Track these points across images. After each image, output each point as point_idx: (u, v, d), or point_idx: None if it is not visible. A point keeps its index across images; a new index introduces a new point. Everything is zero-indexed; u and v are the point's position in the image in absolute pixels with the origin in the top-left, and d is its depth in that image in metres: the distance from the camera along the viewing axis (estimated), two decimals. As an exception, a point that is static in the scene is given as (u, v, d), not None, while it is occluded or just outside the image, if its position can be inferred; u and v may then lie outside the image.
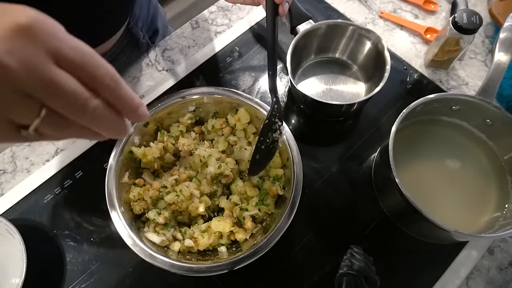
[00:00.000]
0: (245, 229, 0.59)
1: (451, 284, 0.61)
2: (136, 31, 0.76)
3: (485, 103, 0.60)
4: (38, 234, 0.64)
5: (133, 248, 0.52)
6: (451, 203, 0.63)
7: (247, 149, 0.63)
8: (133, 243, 0.52)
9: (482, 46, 0.83)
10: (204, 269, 0.52)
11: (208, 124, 0.66)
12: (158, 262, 0.51)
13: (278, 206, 0.60)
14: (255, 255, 0.52)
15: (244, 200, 0.61)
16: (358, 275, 0.55)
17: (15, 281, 0.60)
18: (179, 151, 0.64)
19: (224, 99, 0.64)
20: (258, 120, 0.65)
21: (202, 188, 0.59)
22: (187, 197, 0.57)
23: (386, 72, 0.66)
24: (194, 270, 0.52)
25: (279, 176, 0.61)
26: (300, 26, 0.71)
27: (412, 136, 0.65)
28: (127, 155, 0.60)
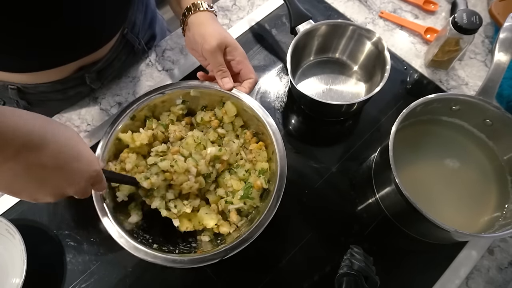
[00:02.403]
0: (229, 223, 0.59)
1: (451, 284, 0.61)
2: (131, 37, 0.76)
3: (485, 103, 0.60)
4: (38, 234, 0.64)
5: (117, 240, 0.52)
6: (451, 203, 0.63)
7: (235, 142, 0.63)
8: (118, 235, 0.52)
9: (482, 46, 0.83)
10: (188, 261, 0.51)
11: (197, 116, 0.66)
12: (142, 254, 0.51)
13: (263, 200, 0.59)
14: (239, 247, 0.52)
15: (230, 193, 0.61)
16: (358, 275, 0.55)
17: (15, 281, 0.60)
18: (168, 140, 0.64)
19: (211, 92, 0.64)
20: (245, 113, 0.64)
21: (200, 167, 0.58)
22: (182, 168, 0.57)
23: (386, 72, 0.66)
24: (178, 262, 0.51)
25: (265, 170, 0.60)
26: (300, 26, 0.71)
27: (412, 136, 0.65)
28: (115, 142, 0.60)
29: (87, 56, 0.68)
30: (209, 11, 0.63)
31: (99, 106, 0.76)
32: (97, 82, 0.74)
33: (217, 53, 0.59)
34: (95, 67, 0.71)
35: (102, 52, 0.71)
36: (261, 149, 0.63)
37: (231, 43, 0.61)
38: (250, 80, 0.62)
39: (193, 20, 0.62)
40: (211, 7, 0.64)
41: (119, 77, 0.79)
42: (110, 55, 0.72)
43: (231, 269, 0.61)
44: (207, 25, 0.61)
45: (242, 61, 0.62)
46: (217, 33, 0.60)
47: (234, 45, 0.61)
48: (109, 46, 0.71)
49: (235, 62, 0.62)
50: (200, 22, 0.62)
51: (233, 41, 0.61)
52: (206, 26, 0.61)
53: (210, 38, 0.59)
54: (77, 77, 0.70)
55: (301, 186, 0.68)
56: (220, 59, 0.60)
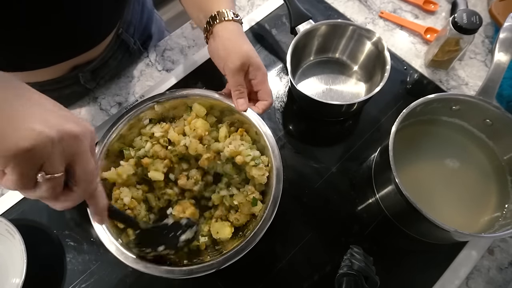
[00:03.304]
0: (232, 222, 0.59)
1: (451, 284, 0.61)
2: (126, 37, 0.75)
3: (485, 103, 0.60)
4: (38, 234, 0.64)
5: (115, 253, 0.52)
6: (451, 203, 0.63)
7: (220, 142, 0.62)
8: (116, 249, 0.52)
9: (482, 46, 0.83)
10: (190, 271, 0.51)
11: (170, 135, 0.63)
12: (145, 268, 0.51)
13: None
14: (242, 252, 0.52)
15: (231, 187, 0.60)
16: (358, 275, 0.55)
17: (15, 281, 0.60)
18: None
19: (174, 102, 0.63)
20: (215, 109, 0.64)
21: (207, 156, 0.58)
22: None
23: (386, 72, 0.66)
24: (183, 273, 0.51)
25: (257, 156, 0.60)
26: (300, 26, 0.71)
27: (412, 136, 0.65)
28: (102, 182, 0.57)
29: (80, 55, 0.67)
30: (235, 20, 0.59)
31: (99, 106, 0.76)
32: (92, 82, 0.74)
33: (239, 73, 0.57)
34: (89, 67, 0.71)
35: (96, 52, 0.70)
36: (243, 134, 0.62)
37: (254, 63, 0.58)
38: (265, 102, 0.60)
39: (219, 31, 0.59)
40: (236, 15, 0.60)
41: (118, 77, 0.79)
42: (105, 55, 0.72)
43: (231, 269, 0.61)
44: (234, 40, 0.59)
45: (263, 82, 0.60)
46: (243, 51, 0.57)
47: (257, 65, 0.58)
48: (104, 45, 0.71)
49: (255, 82, 0.60)
50: (227, 35, 0.59)
51: (257, 60, 0.59)
52: (233, 41, 0.58)
53: (234, 56, 0.57)
54: (71, 77, 0.70)
55: (301, 186, 0.68)
56: (240, 79, 0.58)
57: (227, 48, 0.58)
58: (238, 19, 0.60)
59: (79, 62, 0.69)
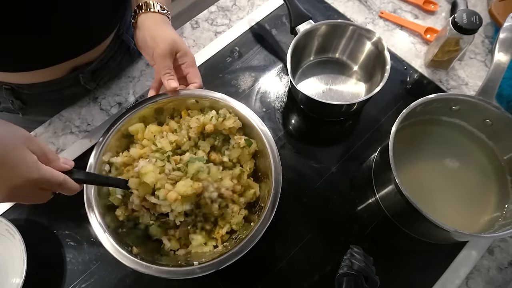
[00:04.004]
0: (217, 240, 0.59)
1: (451, 284, 0.61)
2: (126, 38, 0.75)
3: (485, 103, 0.60)
4: (38, 234, 0.64)
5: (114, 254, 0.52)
6: (451, 203, 0.63)
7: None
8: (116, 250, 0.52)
9: (482, 46, 0.84)
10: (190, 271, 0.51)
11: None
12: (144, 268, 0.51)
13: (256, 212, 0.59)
14: (241, 252, 0.52)
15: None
16: (358, 275, 0.55)
17: (16, 281, 0.60)
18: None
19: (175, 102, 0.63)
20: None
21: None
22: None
23: (386, 72, 0.66)
24: (182, 273, 0.51)
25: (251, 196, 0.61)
26: (300, 26, 0.71)
27: (412, 136, 0.65)
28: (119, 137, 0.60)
29: (81, 55, 0.68)
30: (160, 13, 0.62)
31: (99, 106, 0.76)
32: (92, 83, 0.74)
33: (167, 58, 0.59)
34: (90, 67, 0.71)
35: (97, 52, 0.71)
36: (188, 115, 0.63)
37: (182, 48, 0.60)
38: (194, 84, 0.61)
39: (144, 20, 0.61)
40: (163, 9, 0.62)
41: (118, 77, 0.79)
42: (105, 56, 0.72)
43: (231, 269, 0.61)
44: (158, 28, 0.61)
45: (191, 65, 0.62)
46: (169, 38, 0.59)
47: (184, 50, 0.61)
48: (104, 46, 0.71)
49: (184, 66, 0.62)
50: (151, 25, 0.61)
51: (184, 46, 0.61)
52: (158, 30, 0.60)
53: (162, 42, 0.59)
54: (71, 77, 0.70)
55: (301, 186, 0.68)
56: (169, 63, 0.60)
57: (153, 36, 0.60)
58: (165, 12, 0.63)
59: (79, 63, 0.69)
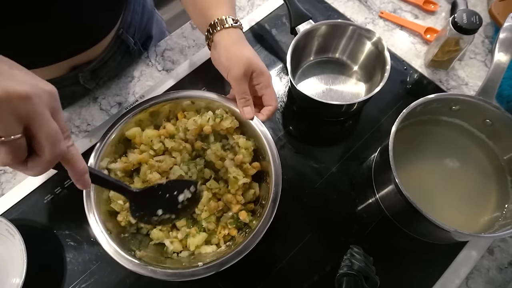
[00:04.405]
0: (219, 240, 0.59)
1: (451, 284, 0.61)
2: (126, 37, 0.75)
3: (485, 103, 0.60)
4: (38, 234, 0.64)
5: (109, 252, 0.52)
6: (451, 203, 0.63)
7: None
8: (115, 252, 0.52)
9: (482, 46, 0.84)
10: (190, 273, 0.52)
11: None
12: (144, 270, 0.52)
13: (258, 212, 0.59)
14: (242, 253, 0.52)
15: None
16: (358, 275, 0.55)
17: (15, 281, 0.60)
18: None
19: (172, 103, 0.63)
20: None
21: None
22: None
23: (386, 72, 0.66)
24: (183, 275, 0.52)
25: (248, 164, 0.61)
26: (300, 26, 0.71)
27: (412, 136, 0.65)
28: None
29: (79, 54, 0.67)
30: (234, 27, 0.59)
31: (99, 106, 0.76)
32: (92, 82, 0.74)
33: (242, 81, 0.57)
34: (89, 67, 0.71)
35: (96, 51, 0.70)
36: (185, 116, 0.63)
37: (257, 68, 0.57)
38: (270, 107, 0.59)
39: (219, 39, 0.58)
40: (236, 21, 0.59)
41: (118, 77, 0.79)
42: (105, 55, 0.72)
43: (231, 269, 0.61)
44: (234, 47, 0.58)
45: (267, 86, 0.59)
46: (244, 58, 0.56)
47: (260, 70, 0.58)
48: (103, 45, 0.71)
49: (260, 87, 0.59)
50: (227, 43, 0.58)
51: (260, 66, 0.58)
52: (234, 49, 0.58)
53: (237, 64, 0.56)
54: (71, 77, 0.70)
55: (301, 186, 0.68)
56: (245, 87, 0.57)
57: (229, 56, 0.57)
58: (238, 25, 0.60)
59: (78, 62, 0.69)
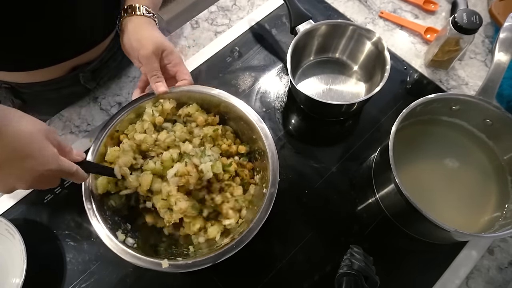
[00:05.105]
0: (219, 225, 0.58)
1: (451, 284, 0.61)
2: None
3: (485, 103, 0.60)
4: (38, 234, 0.64)
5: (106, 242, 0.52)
6: (451, 203, 0.63)
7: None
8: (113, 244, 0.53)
9: (482, 46, 0.83)
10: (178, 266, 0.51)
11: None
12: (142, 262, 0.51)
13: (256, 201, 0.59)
14: (238, 246, 0.51)
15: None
16: (358, 275, 0.55)
17: (15, 281, 0.60)
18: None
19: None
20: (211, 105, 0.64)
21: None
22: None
23: (386, 72, 0.66)
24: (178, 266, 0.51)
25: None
26: (300, 26, 0.71)
27: (412, 136, 0.65)
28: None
29: (80, 55, 0.68)
30: (146, 16, 0.61)
31: (99, 106, 0.76)
32: (92, 82, 0.74)
33: (153, 59, 0.59)
34: (90, 67, 0.71)
35: (97, 52, 0.71)
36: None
37: (167, 47, 0.60)
38: (184, 81, 0.61)
39: (128, 23, 0.61)
40: (149, 12, 0.62)
41: (118, 77, 0.79)
42: (105, 55, 0.72)
43: (232, 269, 0.61)
44: (143, 30, 0.60)
45: (178, 63, 0.61)
46: (153, 37, 0.59)
47: (170, 49, 0.60)
48: (104, 46, 0.71)
49: (171, 65, 0.61)
50: (136, 27, 0.61)
51: (169, 45, 0.61)
52: (142, 31, 0.60)
53: (146, 43, 0.58)
54: (71, 77, 0.70)
55: (301, 186, 0.68)
56: (155, 64, 0.59)
57: (138, 38, 0.60)
58: (151, 16, 0.62)
59: (79, 62, 0.69)
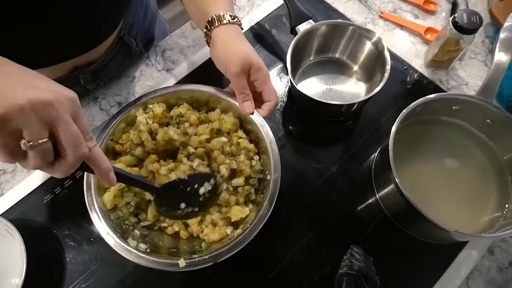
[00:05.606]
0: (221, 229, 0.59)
1: (451, 284, 0.61)
2: (128, 39, 0.75)
3: (485, 103, 0.60)
4: (38, 234, 0.64)
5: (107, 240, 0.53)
6: (451, 203, 0.63)
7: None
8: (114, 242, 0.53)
9: (482, 46, 0.83)
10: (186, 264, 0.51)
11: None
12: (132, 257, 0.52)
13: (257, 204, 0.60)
14: (238, 246, 0.52)
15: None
16: (358, 275, 0.55)
17: (15, 281, 0.60)
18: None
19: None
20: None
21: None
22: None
23: (386, 72, 0.66)
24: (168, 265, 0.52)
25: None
26: (300, 26, 0.71)
27: (412, 136, 0.65)
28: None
29: (80, 55, 0.67)
30: (232, 23, 0.59)
31: (99, 106, 0.76)
32: (92, 83, 0.74)
33: (241, 77, 0.57)
34: (90, 68, 0.71)
35: (97, 53, 0.70)
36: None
37: (255, 64, 0.57)
38: (270, 102, 0.59)
39: (217, 35, 0.59)
40: (233, 17, 0.59)
41: (118, 77, 0.79)
42: (106, 56, 0.72)
43: (232, 269, 0.61)
44: (232, 43, 0.58)
45: (266, 82, 0.59)
46: (242, 53, 0.56)
47: (258, 66, 0.57)
48: (105, 46, 0.71)
49: (258, 83, 0.59)
50: (225, 39, 0.58)
51: (257, 61, 0.58)
52: (231, 44, 0.58)
53: (235, 59, 0.56)
54: (71, 77, 0.70)
55: (301, 186, 0.68)
56: (243, 82, 0.58)
57: (226, 52, 0.57)
58: (236, 21, 0.60)
59: (79, 63, 0.69)
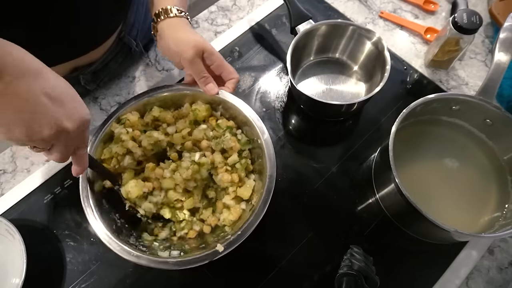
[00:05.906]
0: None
1: (451, 284, 0.61)
2: (128, 40, 0.75)
3: (485, 103, 0.60)
4: (38, 234, 0.64)
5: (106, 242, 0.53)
6: (451, 203, 0.63)
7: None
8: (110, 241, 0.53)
9: (482, 46, 0.83)
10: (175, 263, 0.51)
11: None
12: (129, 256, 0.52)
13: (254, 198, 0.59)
14: (233, 244, 0.52)
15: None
16: (358, 275, 0.55)
17: (15, 281, 0.60)
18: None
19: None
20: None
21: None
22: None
23: (386, 72, 0.66)
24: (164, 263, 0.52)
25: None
26: (300, 26, 0.71)
27: (412, 136, 0.65)
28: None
29: (82, 56, 0.67)
30: (178, 16, 0.60)
31: (99, 106, 0.76)
32: (92, 84, 0.74)
33: (196, 61, 0.58)
34: (91, 68, 0.71)
35: (98, 53, 0.70)
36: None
37: (207, 49, 0.59)
38: (232, 80, 0.61)
39: (165, 28, 0.60)
40: (180, 11, 0.61)
41: (119, 77, 0.79)
42: (106, 57, 0.72)
43: (232, 269, 0.61)
44: (179, 33, 0.59)
45: (222, 64, 0.60)
46: (191, 40, 0.58)
47: (210, 50, 0.59)
48: (105, 47, 0.71)
49: (215, 66, 0.61)
50: (173, 31, 0.59)
51: (208, 46, 0.59)
52: (180, 34, 0.59)
53: (186, 47, 0.57)
54: (72, 78, 0.70)
55: (301, 186, 0.68)
56: (200, 66, 0.59)
57: (177, 42, 0.58)
58: (183, 15, 0.61)
59: (80, 63, 0.69)
